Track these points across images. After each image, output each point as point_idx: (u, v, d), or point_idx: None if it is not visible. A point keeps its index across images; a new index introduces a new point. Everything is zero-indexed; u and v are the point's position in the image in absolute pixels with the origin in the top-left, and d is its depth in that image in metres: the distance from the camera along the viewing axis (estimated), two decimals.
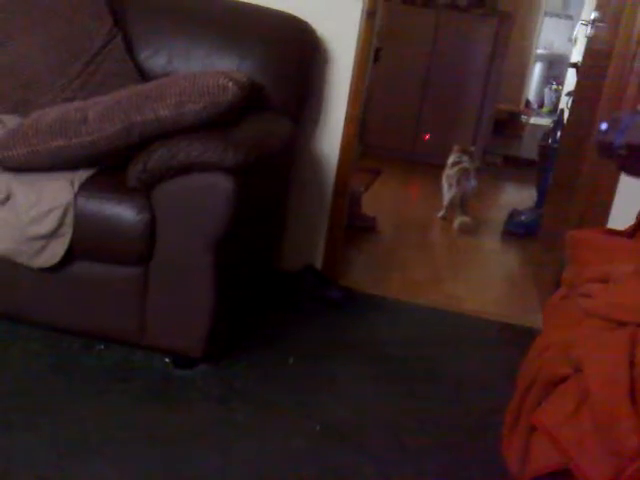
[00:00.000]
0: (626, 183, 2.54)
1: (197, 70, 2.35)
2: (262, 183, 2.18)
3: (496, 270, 3.63)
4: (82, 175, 1.98)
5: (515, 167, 5.82)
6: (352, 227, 3.40)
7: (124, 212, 1.92)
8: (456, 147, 4.14)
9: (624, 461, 1.15)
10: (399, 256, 3.49)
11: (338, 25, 2.62)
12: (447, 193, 4.07)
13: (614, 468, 1.17)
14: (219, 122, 1.95)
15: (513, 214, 4.08)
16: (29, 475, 1.63)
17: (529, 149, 6.06)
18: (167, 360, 2.14)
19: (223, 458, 1.78)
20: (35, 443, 1.73)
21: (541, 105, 8.81)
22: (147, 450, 1.77)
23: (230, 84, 1.93)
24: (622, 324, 1.37)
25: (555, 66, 8.66)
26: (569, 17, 8.54)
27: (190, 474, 1.71)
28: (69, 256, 1.96)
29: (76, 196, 1.93)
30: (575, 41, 6.54)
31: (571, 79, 5.90)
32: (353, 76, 2.68)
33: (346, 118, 2.73)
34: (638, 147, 0.93)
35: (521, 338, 2.13)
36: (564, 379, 1.40)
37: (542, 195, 4.06)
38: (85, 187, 1.95)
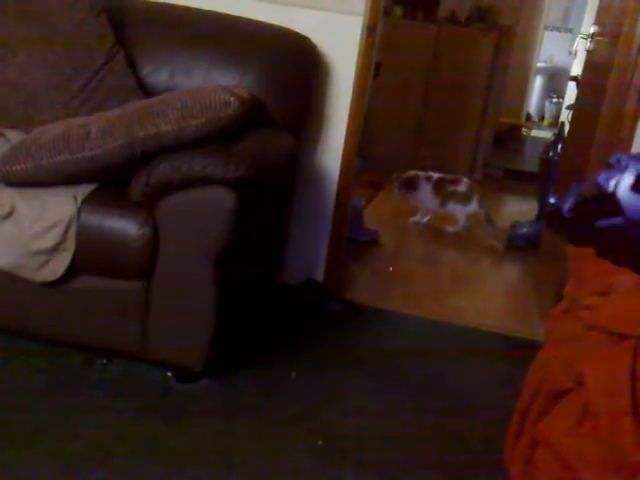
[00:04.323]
0: None
1: (199, 85, 2.36)
2: (263, 197, 2.19)
3: (498, 283, 3.63)
4: (85, 189, 1.99)
5: (516, 180, 5.83)
6: (354, 240, 3.40)
7: (126, 226, 1.92)
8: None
9: (627, 474, 1.15)
10: (401, 269, 3.49)
11: (339, 40, 2.63)
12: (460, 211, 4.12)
13: None
14: (221, 137, 1.96)
15: (514, 227, 4.09)
16: None
17: (530, 162, 6.07)
18: (169, 374, 2.14)
19: (225, 473, 1.78)
20: (37, 458, 1.73)
21: (542, 118, 8.83)
22: (149, 465, 1.76)
23: (232, 99, 1.94)
24: (624, 337, 1.37)
25: (555, 79, 8.69)
26: (569, 31, 8.58)
27: None
28: (71, 270, 1.96)
29: (79, 210, 1.94)
30: (575, 54, 6.58)
31: (572, 92, 5.92)
32: (354, 91, 2.69)
33: (347, 132, 2.74)
34: (584, 205, 0.92)
35: (523, 351, 2.13)
36: (566, 392, 1.40)
37: (543, 208, 4.06)
38: (88, 201, 1.96)
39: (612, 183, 0.82)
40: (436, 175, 4.14)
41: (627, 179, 0.59)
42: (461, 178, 4.17)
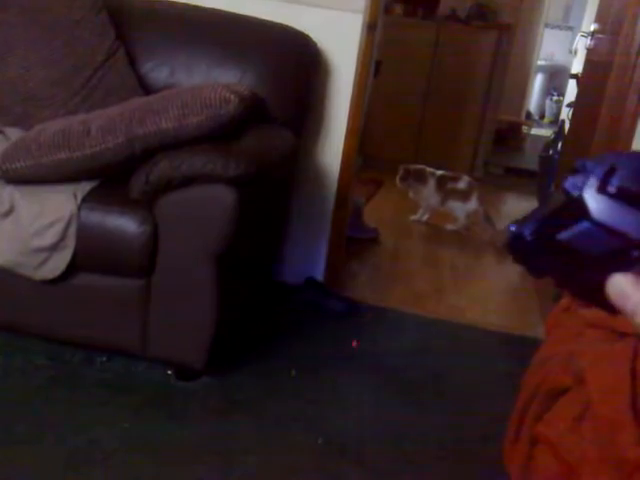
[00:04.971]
0: None
1: (199, 83, 2.36)
2: (263, 195, 2.19)
3: (498, 281, 3.63)
4: (85, 187, 1.99)
5: (517, 178, 5.83)
6: (354, 238, 3.40)
7: (126, 224, 1.92)
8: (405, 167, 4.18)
9: (627, 473, 1.15)
10: (401, 267, 3.50)
11: (339, 38, 2.63)
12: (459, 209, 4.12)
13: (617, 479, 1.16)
14: (221, 134, 1.96)
15: None
16: None
17: (530, 160, 6.07)
18: (169, 372, 2.14)
19: (225, 471, 1.78)
20: (36, 455, 1.73)
21: (542, 116, 8.83)
22: (148, 463, 1.76)
23: (232, 97, 1.94)
24: (624, 335, 1.37)
25: (556, 77, 8.70)
26: (569, 28, 8.58)
27: None
28: (71, 268, 1.96)
29: (79, 208, 1.94)
30: (575, 52, 6.57)
31: (572, 90, 5.92)
32: (354, 88, 2.69)
33: (347, 130, 2.74)
34: (549, 220, 0.92)
35: (522, 349, 2.12)
36: (566, 390, 1.40)
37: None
38: (88, 199, 1.96)
39: (578, 187, 0.80)
40: (438, 172, 4.15)
41: (592, 181, 0.58)
42: (461, 175, 4.18)
